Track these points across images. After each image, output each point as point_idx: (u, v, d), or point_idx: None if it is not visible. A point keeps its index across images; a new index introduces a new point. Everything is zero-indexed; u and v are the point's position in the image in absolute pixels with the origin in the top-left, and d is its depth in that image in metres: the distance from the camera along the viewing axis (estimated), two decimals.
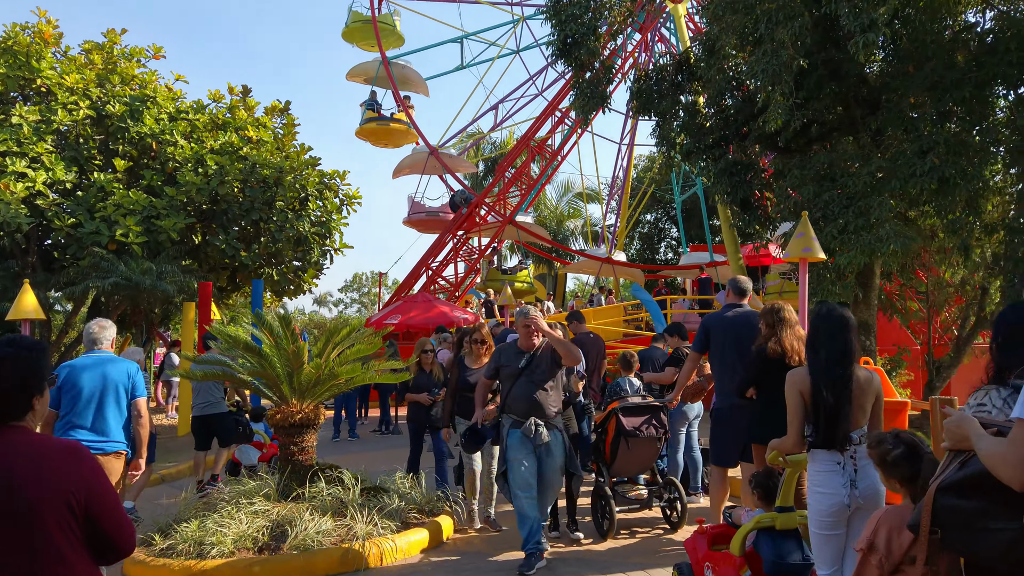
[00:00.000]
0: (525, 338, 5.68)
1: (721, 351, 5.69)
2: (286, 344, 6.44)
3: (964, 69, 11.19)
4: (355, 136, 24.75)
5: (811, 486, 3.55)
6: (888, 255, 10.96)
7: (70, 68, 15.69)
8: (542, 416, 5.56)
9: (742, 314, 5.74)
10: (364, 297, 55.63)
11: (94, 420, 5.17)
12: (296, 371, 6.46)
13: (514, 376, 5.65)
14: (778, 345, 4.87)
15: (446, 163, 23.45)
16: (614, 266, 24.65)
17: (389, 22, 23.75)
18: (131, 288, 13.86)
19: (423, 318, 15.72)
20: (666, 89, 14.78)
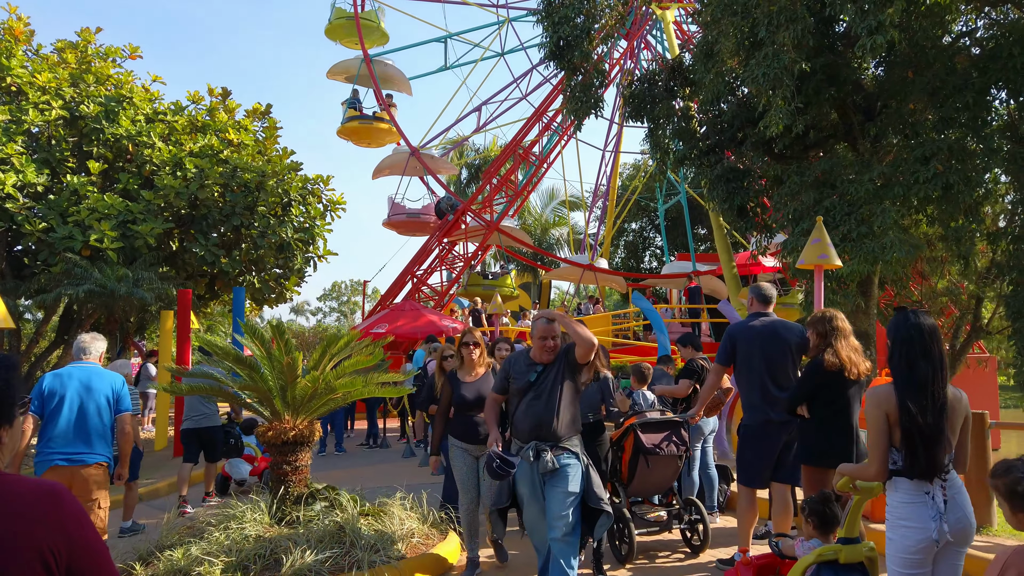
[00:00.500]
0: (539, 350, 4.76)
1: (748, 363, 5.33)
2: (279, 355, 5.99)
3: (966, 74, 11.03)
4: (336, 136, 24.24)
5: (894, 519, 3.17)
6: (893, 263, 10.75)
7: (42, 67, 15.07)
8: (549, 439, 4.58)
9: (769, 323, 5.39)
10: (343, 306, 54.89)
11: (75, 431, 5.12)
12: (290, 385, 6.01)
13: (521, 392, 4.76)
14: (835, 357, 4.52)
15: (427, 164, 22.94)
16: (596, 273, 24.32)
17: (373, 19, 23.26)
18: (106, 296, 13.27)
19: (411, 327, 15.28)
20: (659, 94, 14.54)
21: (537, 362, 4.80)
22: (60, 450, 5.10)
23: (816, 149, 13.62)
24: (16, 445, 1.87)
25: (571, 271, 24.78)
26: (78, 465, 5.10)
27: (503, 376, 4.97)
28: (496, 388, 5.11)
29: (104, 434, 5.24)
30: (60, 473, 5.06)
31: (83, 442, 5.14)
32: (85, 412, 5.17)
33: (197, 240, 15.37)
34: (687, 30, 24.16)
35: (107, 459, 5.28)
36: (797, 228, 11.67)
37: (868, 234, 10.98)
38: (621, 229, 32.49)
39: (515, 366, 4.88)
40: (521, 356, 4.96)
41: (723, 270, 15.89)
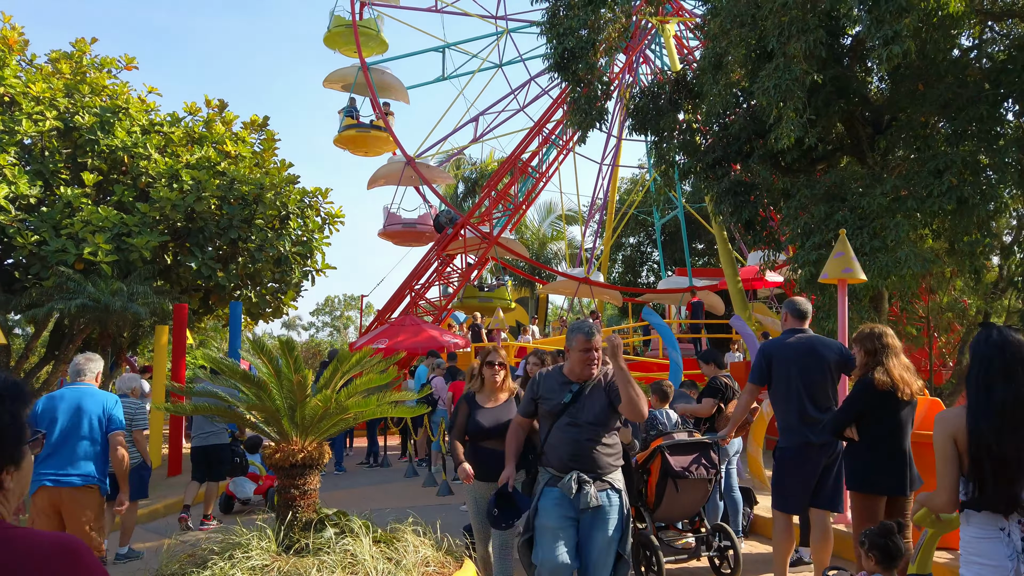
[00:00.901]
0: (580, 365, 4.15)
1: (786, 382, 5.08)
2: (288, 373, 5.68)
3: (978, 87, 10.90)
4: (333, 145, 23.97)
5: (967, 555, 2.90)
6: (908, 278, 10.55)
7: (36, 77, 14.79)
8: (591, 470, 4.03)
9: (806, 340, 5.14)
10: (336, 321, 54.44)
11: (64, 451, 5.10)
12: (299, 404, 5.70)
13: (555, 414, 4.18)
14: (886, 376, 4.27)
15: (423, 173, 22.65)
16: (592, 287, 24.07)
17: (372, 27, 23.04)
18: (99, 310, 12.93)
19: (412, 342, 14.98)
20: (663, 107, 14.38)
21: (573, 380, 4.21)
22: (48, 471, 5.05)
23: (823, 163, 13.48)
24: (24, 489, 1.60)
25: (567, 284, 24.54)
26: (65, 486, 5.05)
27: (530, 396, 4.35)
28: (522, 410, 4.47)
29: (94, 455, 5.19)
30: (48, 493, 4.99)
31: (70, 463, 5.10)
32: (73, 433, 5.14)
33: (193, 253, 15.05)
34: (687, 44, 24.10)
35: (98, 481, 5.20)
36: (808, 242, 11.47)
37: (881, 248, 10.79)
38: (618, 244, 32.32)
39: (546, 384, 4.29)
40: (553, 373, 4.35)
41: (728, 285, 15.67)
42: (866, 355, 4.48)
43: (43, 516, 5.03)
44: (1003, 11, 12.17)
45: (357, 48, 21.91)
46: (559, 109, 22.89)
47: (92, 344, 17.51)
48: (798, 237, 11.92)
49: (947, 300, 16.75)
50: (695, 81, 13.98)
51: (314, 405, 5.71)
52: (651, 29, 23.73)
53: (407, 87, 24.16)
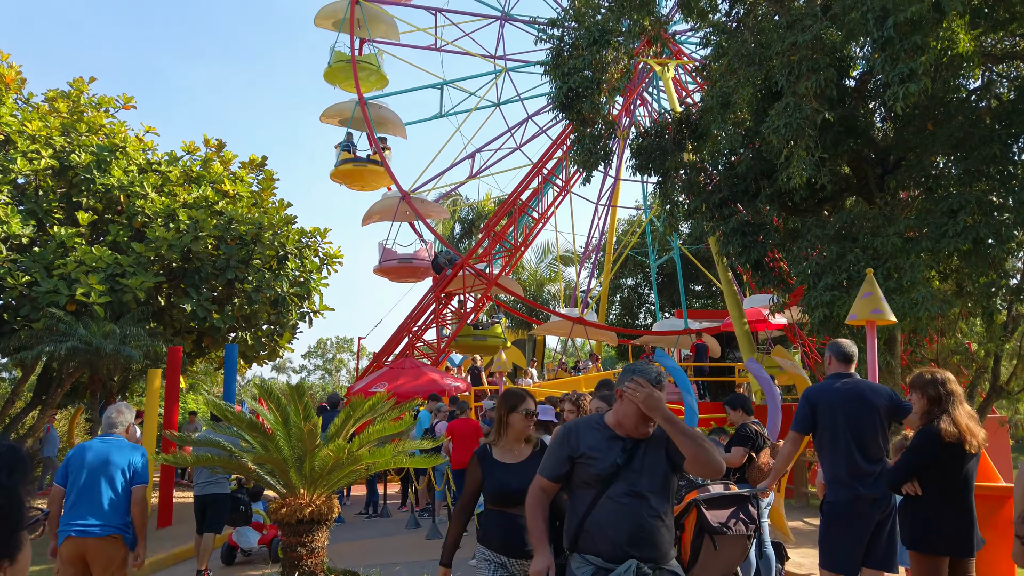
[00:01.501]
0: (636, 420, 3.25)
1: (832, 431, 4.75)
2: (297, 421, 5.33)
3: (991, 126, 10.81)
4: (330, 179, 23.75)
5: None
6: (924, 320, 10.31)
7: (32, 116, 14.58)
8: (654, 557, 3.16)
9: (854, 385, 4.83)
10: (329, 364, 53.75)
11: (88, 503, 5.15)
12: (308, 455, 5.34)
13: (604, 480, 3.22)
14: (953, 426, 3.96)
15: (419, 209, 22.39)
16: (586, 327, 23.71)
17: (373, 62, 23.02)
18: (90, 353, 12.52)
19: (412, 386, 14.57)
20: (668, 147, 14.27)
21: (623, 435, 3.29)
22: (73, 522, 5.13)
23: (830, 203, 13.34)
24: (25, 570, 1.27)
25: (561, 325, 24.18)
26: (90, 537, 5.09)
27: (564, 454, 3.33)
28: (550, 472, 3.37)
29: (118, 507, 5.22)
30: (74, 544, 5.05)
31: (94, 514, 5.15)
32: (99, 485, 5.20)
33: (188, 294, 14.70)
34: (685, 87, 24.24)
35: (120, 531, 5.21)
36: (821, 283, 11.23)
37: (896, 289, 10.55)
38: (616, 285, 32.13)
39: (588, 439, 3.32)
40: (593, 425, 3.40)
41: (734, 327, 15.41)
42: (929, 403, 4.17)
43: (69, 566, 5.10)
44: (1005, 53, 12.19)
45: (355, 83, 21.88)
46: (558, 149, 22.85)
47: (81, 389, 17.01)
48: (809, 278, 11.69)
49: (952, 343, 16.53)
50: (699, 121, 13.91)
51: (324, 455, 5.36)
52: (649, 72, 23.88)
53: (405, 123, 24.09)
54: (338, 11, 23.49)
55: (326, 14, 24.09)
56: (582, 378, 18.91)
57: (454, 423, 9.79)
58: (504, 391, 4.30)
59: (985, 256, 10.73)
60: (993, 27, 10.69)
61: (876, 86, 12.41)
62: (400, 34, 24.40)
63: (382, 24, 23.83)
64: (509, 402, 4.19)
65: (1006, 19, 10.42)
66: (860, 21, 9.90)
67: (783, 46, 10.69)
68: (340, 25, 23.27)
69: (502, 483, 3.96)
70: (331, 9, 23.81)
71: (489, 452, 4.12)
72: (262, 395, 5.39)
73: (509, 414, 4.17)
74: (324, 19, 24.34)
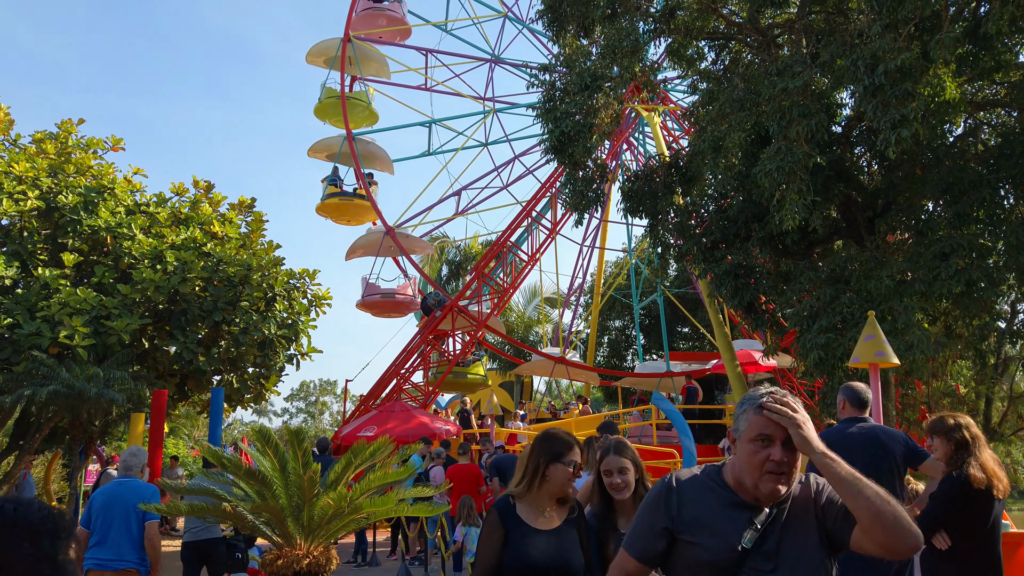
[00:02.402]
0: (767, 481, 2.21)
1: None
2: (296, 467, 5.15)
3: (979, 171, 10.98)
4: (316, 213, 23.66)
5: None
6: (920, 362, 10.31)
7: (19, 157, 14.46)
8: None
9: (869, 430, 4.74)
10: (311, 407, 53.00)
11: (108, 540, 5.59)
12: (307, 503, 5.15)
13: (726, 569, 2.19)
14: (982, 472, 3.87)
15: (402, 244, 22.28)
16: (568, 367, 23.54)
17: (364, 99, 23.14)
18: (72, 397, 12.21)
19: (402, 430, 14.31)
20: (658, 190, 14.36)
21: (748, 500, 2.24)
22: (93, 556, 5.59)
23: (821, 246, 13.44)
24: None
25: (543, 364, 23.98)
26: (108, 571, 5.54)
27: (658, 524, 2.30)
28: (637, 548, 2.34)
29: (133, 543, 5.59)
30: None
31: (111, 550, 5.58)
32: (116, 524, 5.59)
33: (174, 337, 14.45)
34: (671, 132, 24.57)
35: (136, 566, 5.60)
36: (815, 325, 11.24)
37: (890, 331, 10.56)
38: (604, 327, 32.10)
39: (695, 504, 2.28)
40: (706, 484, 2.34)
41: (727, 369, 15.36)
42: (953, 448, 4.08)
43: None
44: (986, 101, 12.47)
45: (344, 118, 22.00)
46: (547, 193, 22.98)
47: (60, 433, 16.58)
48: (803, 320, 11.70)
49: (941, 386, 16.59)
50: (689, 165, 14.04)
51: (324, 504, 5.18)
52: (636, 118, 24.21)
53: (393, 159, 24.19)
54: (330, 49, 23.73)
55: (318, 51, 24.32)
56: (572, 420, 18.71)
57: (454, 468, 9.55)
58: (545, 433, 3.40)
59: (977, 299, 10.82)
60: (979, 75, 10.93)
61: (863, 131, 12.63)
62: (391, 73, 24.66)
63: (373, 62, 24.07)
64: (552, 448, 3.23)
65: (991, 67, 10.66)
66: (850, 68, 10.09)
67: (773, 92, 10.85)
68: (331, 63, 23.49)
69: (527, 555, 3.04)
70: (323, 47, 24.06)
71: (513, 508, 3.17)
72: (259, 441, 5.22)
73: (550, 464, 3.19)
74: (316, 56, 24.56)
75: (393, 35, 24.62)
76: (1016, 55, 11.11)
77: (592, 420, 19.04)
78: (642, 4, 13.21)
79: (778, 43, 13.12)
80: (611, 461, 3.55)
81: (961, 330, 12.28)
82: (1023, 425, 14.90)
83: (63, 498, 21.73)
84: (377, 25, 24.05)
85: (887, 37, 9.64)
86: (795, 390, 20.97)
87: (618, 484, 3.50)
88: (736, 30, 13.74)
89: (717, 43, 14.60)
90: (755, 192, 12.20)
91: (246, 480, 5.18)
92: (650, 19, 13.25)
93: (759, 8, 12.00)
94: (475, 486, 9.09)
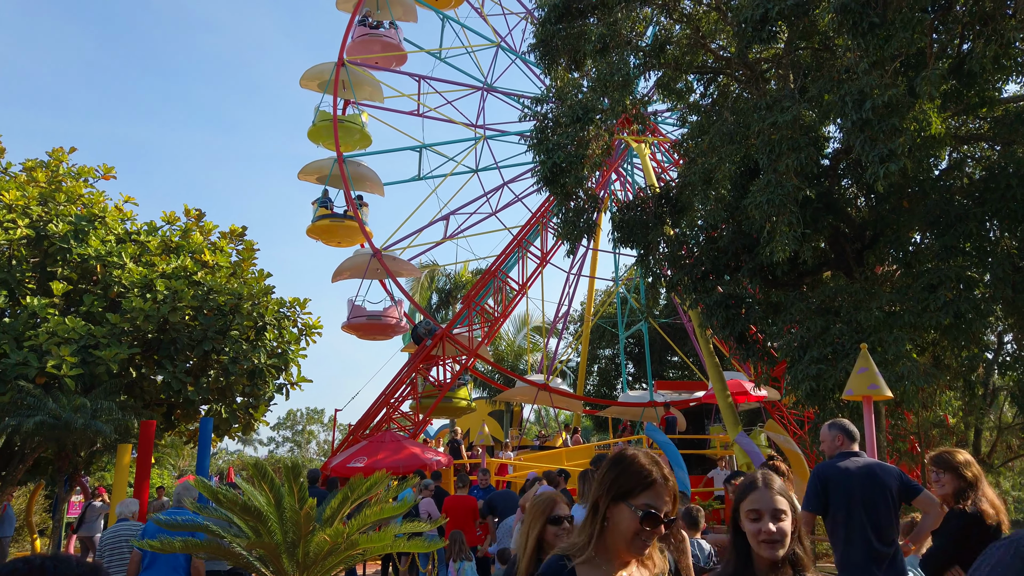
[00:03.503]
0: None
1: (847, 512, 4.64)
2: (292, 502, 5.10)
3: (965, 204, 11.14)
4: (306, 235, 23.63)
5: None
6: (908, 394, 10.37)
7: (10, 185, 14.40)
8: None
9: (865, 465, 4.76)
10: (298, 436, 52.44)
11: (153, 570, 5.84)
12: (303, 539, 5.09)
13: None
14: (992, 508, 3.89)
15: (389, 266, 22.22)
16: (551, 394, 23.46)
17: (357, 122, 23.25)
18: (59, 428, 12.04)
19: (393, 460, 14.18)
20: (649, 220, 14.47)
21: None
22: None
23: (810, 277, 13.55)
24: None
25: (526, 391, 23.88)
26: None
27: None
28: None
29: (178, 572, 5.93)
30: None
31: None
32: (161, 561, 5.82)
33: (162, 366, 14.33)
34: (661, 163, 24.82)
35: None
36: (806, 356, 11.29)
37: (881, 363, 10.62)
38: (593, 356, 32.09)
39: None
40: None
41: (718, 400, 15.36)
42: (961, 484, 4.09)
43: None
44: (970, 135, 12.70)
45: (335, 141, 22.12)
46: (537, 223, 23.09)
47: (44, 464, 16.33)
48: (794, 351, 11.75)
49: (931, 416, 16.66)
50: (679, 196, 14.18)
51: (320, 540, 5.12)
52: (625, 148, 24.46)
53: (384, 183, 24.25)
54: (324, 73, 23.91)
55: (312, 75, 24.49)
56: (563, 451, 18.63)
57: (450, 500, 9.44)
58: (614, 458, 2.35)
59: (965, 330, 10.91)
60: (964, 110, 11.13)
61: (850, 164, 12.82)
62: (385, 98, 24.86)
63: (367, 86, 24.25)
64: (621, 484, 2.22)
65: (976, 103, 10.87)
66: (837, 103, 10.26)
67: (763, 125, 11.01)
68: (325, 86, 23.64)
69: None
70: (317, 71, 24.24)
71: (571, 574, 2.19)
72: (255, 475, 5.17)
73: (617, 502, 2.22)
74: (310, 80, 24.73)
75: (389, 61, 24.87)
76: (999, 91, 11.35)
77: (584, 451, 18.96)
78: (632, 39, 13.40)
79: (766, 77, 13.36)
80: (760, 499, 2.47)
81: (950, 361, 12.38)
82: (1012, 456, 14.99)
83: (44, 530, 21.32)
84: (373, 51, 24.28)
85: (874, 73, 9.83)
86: (785, 420, 21.00)
87: (770, 535, 2.40)
88: (724, 64, 13.97)
89: (706, 77, 14.83)
90: (745, 223, 12.33)
91: (241, 516, 5.12)
92: (640, 53, 13.45)
93: (747, 43, 12.22)
94: (471, 519, 9.00)
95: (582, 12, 13.74)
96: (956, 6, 10.33)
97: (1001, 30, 9.55)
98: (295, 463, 5.17)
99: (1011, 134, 10.93)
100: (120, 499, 12.53)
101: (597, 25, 13.19)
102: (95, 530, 14.90)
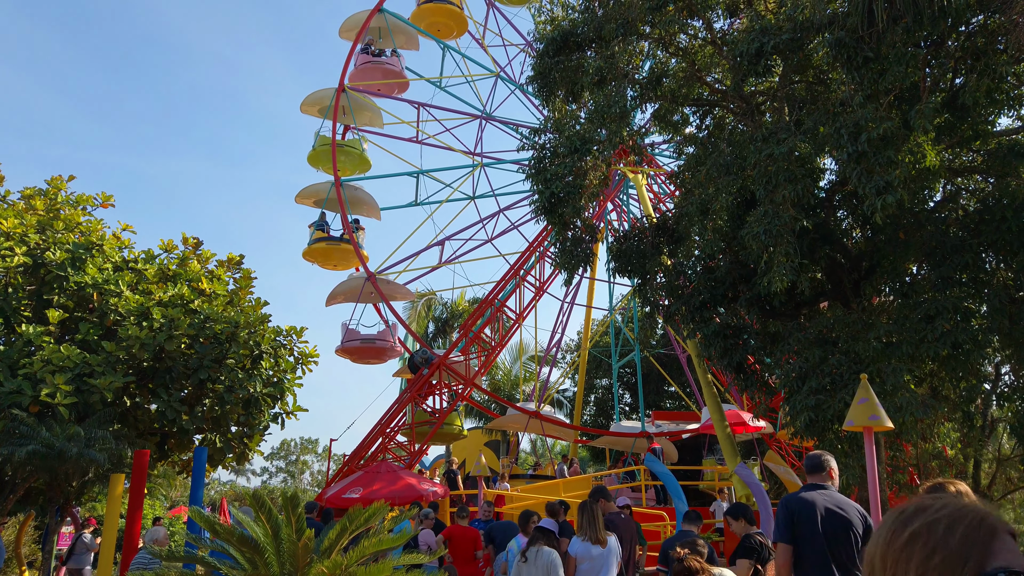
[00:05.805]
0: None
1: (811, 543, 4.63)
2: (290, 533, 5.04)
3: (960, 235, 11.21)
4: (302, 258, 23.60)
5: None
6: (909, 424, 10.33)
7: (8, 213, 14.41)
8: None
9: (829, 497, 4.77)
10: (292, 466, 51.94)
11: None
12: (301, 571, 5.02)
13: None
14: None
15: (383, 290, 22.16)
16: (542, 422, 23.29)
17: (356, 147, 23.40)
18: (51, 457, 11.91)
19: (389, 491, 14.02)
20: (647, 250, 14.52)
21: None
22: None
23: (807, 307, 13.58)
24: None
25: (517, 419, 23.70)
26: None
27: None
28: None
29: None
30: None
31: None
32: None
33: (157, 395, 14.23)
34: (656, 194, 24.98)
35: None
36: (804, 387, 11.27)
37: (879, 393, 10.61)
38: (590, 385, 31.98)
39: None
40: None
41: (716, 431, 15.29)
42: None
43: None
44: (964, 168, 12.82)
45: (333, 165, 22.24)
46: (534, 252, 23.15)
47: (35, 494, 16.11)
48: (792, 382, 11.73)
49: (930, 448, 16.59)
50: (676, 226, 14.25)
51: (318, 572, 5.04)
52: (621, 180, 24.62)
53: (381, 207, 24.29)
54: (324, 98, 24.10)
55: (312, 101, 24.68)
56: (560, 482, 18.46)
57: (450, 530, 9.33)
58: None
59: (963, 361, 10.92)
60: (958, 143, 11.26)
61: (846, 195, 12.93)
62: (384, 124, 25.07)
63: (367, 112, 24.44)
64: None
65: (969, 136, 11.00)
66: (833, 136, 10.37)
67: (759, 157, 11.11)
68: (325, 112, 23.83)
69: None
70: (317, 96, 24.44)
71: None
72: (253, 506, 5.11)
73: None
74: (310, 106, 24.92)
75: (391, 88, 25.10)
76: (992, 125, 11.48)
77: (582, 481, 18.80)
78: (629, 72, 13.57)
79: (761, 110, 13.51)
80: None
81: (948, 392, 12.37)
82: (1012, 488, 14.91)
83: (33, 562, 20.98)
84: (374, 78, 24.52)
85: (869, 107, 9.95)
86: (783, 451, 20.89)
87: None
88: (720, 97, 14.14)
89: (702, 109, 14.99)
90: (743, 254, 12.39)
91: (239, 548, 5.06)
92: (637, 86, 13.60)
93: (743, 77, 12.38)
94: (472, 549, 8.90)
95: (579, 45, 13.92)
96: (948, 41, 10.50)
97: (993, 65, 9.71)
98: (293, 493, 5.12)
99: (1004, 167, 11.05)
100: (112, 530, 12.38)
101: (595, 58, 13.36)
102: (84, 563, 14.68)
